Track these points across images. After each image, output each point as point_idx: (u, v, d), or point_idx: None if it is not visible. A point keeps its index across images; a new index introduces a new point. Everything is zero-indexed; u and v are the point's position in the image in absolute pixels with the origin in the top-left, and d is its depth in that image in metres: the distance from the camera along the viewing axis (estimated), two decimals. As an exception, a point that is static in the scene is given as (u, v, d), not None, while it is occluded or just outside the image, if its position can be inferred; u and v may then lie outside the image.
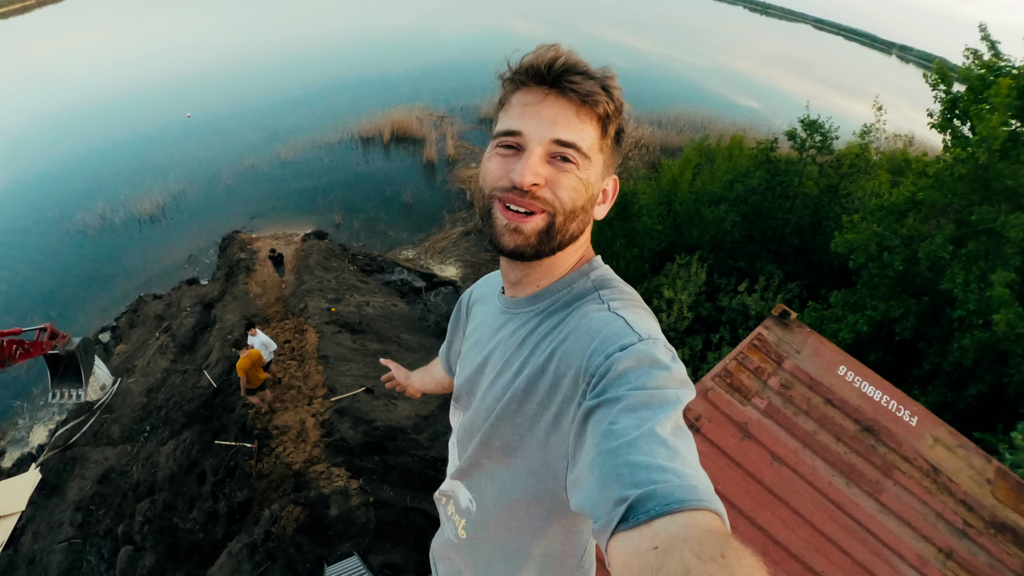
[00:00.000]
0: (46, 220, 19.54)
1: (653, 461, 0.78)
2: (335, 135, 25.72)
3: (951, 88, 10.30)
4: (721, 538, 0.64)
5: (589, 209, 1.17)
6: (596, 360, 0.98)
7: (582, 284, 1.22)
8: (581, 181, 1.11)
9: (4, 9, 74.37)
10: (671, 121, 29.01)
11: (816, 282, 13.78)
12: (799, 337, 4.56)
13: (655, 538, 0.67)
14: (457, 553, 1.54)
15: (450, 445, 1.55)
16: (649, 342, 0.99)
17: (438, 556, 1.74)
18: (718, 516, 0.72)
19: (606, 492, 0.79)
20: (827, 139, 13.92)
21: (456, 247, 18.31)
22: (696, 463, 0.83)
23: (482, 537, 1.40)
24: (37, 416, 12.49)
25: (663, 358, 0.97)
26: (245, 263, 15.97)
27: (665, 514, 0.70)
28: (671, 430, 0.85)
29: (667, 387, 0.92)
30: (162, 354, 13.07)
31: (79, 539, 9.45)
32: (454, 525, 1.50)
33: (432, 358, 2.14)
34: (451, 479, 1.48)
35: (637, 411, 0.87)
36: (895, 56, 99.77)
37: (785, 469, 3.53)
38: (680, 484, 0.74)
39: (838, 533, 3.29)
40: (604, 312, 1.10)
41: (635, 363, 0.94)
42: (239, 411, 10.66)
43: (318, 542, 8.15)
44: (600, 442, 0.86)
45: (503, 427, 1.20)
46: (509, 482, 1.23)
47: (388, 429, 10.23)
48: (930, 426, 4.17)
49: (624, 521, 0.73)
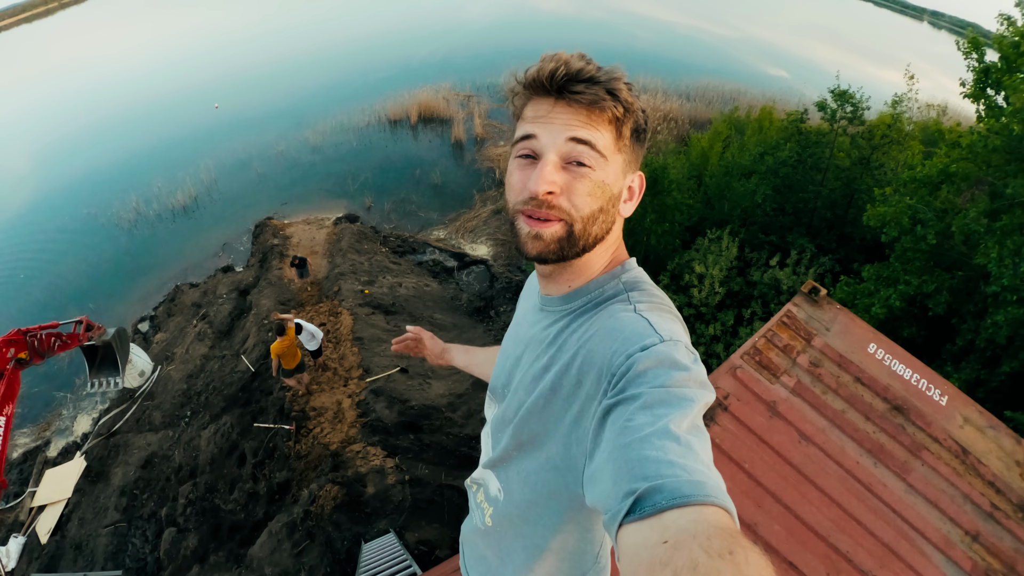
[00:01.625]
0: (82, 217, 20.04)
1: (664, 456, 0.79)
2: (362, 119, 25.75)
3: (983, 58, 10.05)
4: (730, 535, 0.64)
5: (610, 209, 1.18)
6: (618, 360, 0.99)
7: (613, 286, 1.22)
8: (596, 184, 1.13)
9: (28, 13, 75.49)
10: (699, 93, 28.55)
11: (848, 256, 13.60)
12: (829, 314, 4.53)
13: (664, 532, 0.68)
14: (484, 540, 1.57)
15: (483, 436, 1.59)
16: (671, 344, 0.99)
17: (466, 541, 1.78)
18: (727, 513, 0.72)
19: (617, 485, 0.81)
20: (858, 109, 13.67)
21: (487, 226, 18.29)
22: (709, 461, 0.83)
23: (506, 527, 1.42)
24: (80, 406, 12.80)
25: (683, 359, 0.97)
26: (278, 249, 16.18)
27: (673, 507, 0.71)
28: (687, 428, 0.85)
29: (685, 387, 0.92)
30: (200, 341, 13.33)
31: (124, 523, 9.73)
32: (482, 512, 1.53)
33: (466, 336, 2.14)
34: (483, 468, 1.51)
35: (654, 408, 0.87)
36: (927, 22, 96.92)
37: (813, 448, 3.54)
38: (688, 479, 0.75)
39: (865, 514, 3.29)
40: (630, 313, 1.11)
41: (655, 363, 0.95)
42: (277, 394, 10.87)
43: (356, 520, 8.33)
44: (616, 438, 0.87)
45: (532, 421, 1.22)
46: (533, 475, 1.25)
47: (423, 408, 10.36)
48: (960, 406, 4.13)
49: (631, 513, 0.74)
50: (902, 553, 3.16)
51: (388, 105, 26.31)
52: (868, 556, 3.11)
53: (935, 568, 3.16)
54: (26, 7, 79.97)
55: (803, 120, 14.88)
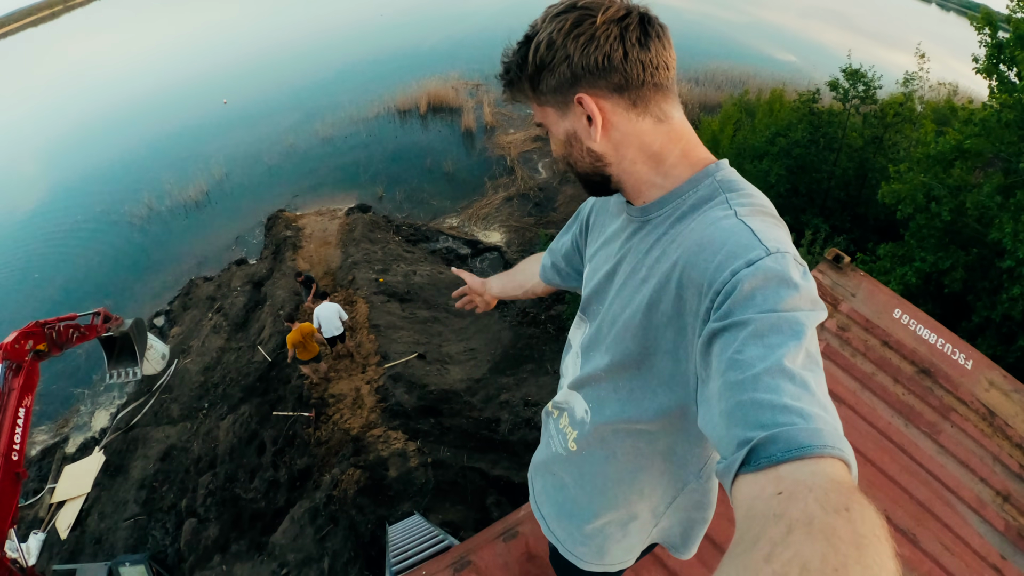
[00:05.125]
0: (95, 215, 20.22)
1: (779, 400, 0.75)
2: (372, 110, 25.72)
3: (996, 33, 10.01)
4: (847, 490, 0.63)
5: (583, 151, 1.19)
6: (722, 275, 0.92)
7: (708, 185, 1.15)
8: (554, 146, 1.26)
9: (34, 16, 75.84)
10: (708, 78, 28.37)
11: (863, 236, 13.55)
12: (853, 281, 4.52)
13: (780, 483, 0.66)
14: (563, 466, 1.54)
15: (564, 362, 1.56)
16: (778, 256, 0.92)
17: (538, 472, 1.74)
18: (845, 464, 0.70)
19: (730, 430, 0.78)
20: (870, 88, 13.61)
21: (499, 213, 18.27)
22: (825, 399, 0.79)
23: (595, 447, 1.39)
24: (98, 402, 12.86)
25: (793, 275, 0.90)
26: (291, 240, 16.24)
27: (789, 460, 0.69)
28: (801, 362, 0.81)
29: (798, 309, 0.86)
30: (216, 333, 13.41)
31: (144, 515, 9.79)
32: (564, 438, 1.50)
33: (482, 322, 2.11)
34: (568, 389, 1.46)
35: (765, 337, 0.82)
36: (935, 3, 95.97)
37: (845, 408, 3.54)
38: (805, 427, 0.72)
39: (900, 473, 3.28)
40: (731, 219, 1.02)
41: (763, 282, 0.88)
42: (295, 382, 10.94)
43: (379, 503, 8.38)
44: (726, 371, 0.83)
45: (629, 336, 1.18)
46: (638, 390, 1.21)
47: (441, 392, 10.42)
48: (985, 370, 4.13)
49: (746, 464, 0.72)
50: (937, 512, 3.15)
51: (397, 95, 26.27)
52: (905, 515, 3.10)
53: (970, 528, 3.15)
54: (32, 10, 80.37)
55: (815, 100, 14.81)
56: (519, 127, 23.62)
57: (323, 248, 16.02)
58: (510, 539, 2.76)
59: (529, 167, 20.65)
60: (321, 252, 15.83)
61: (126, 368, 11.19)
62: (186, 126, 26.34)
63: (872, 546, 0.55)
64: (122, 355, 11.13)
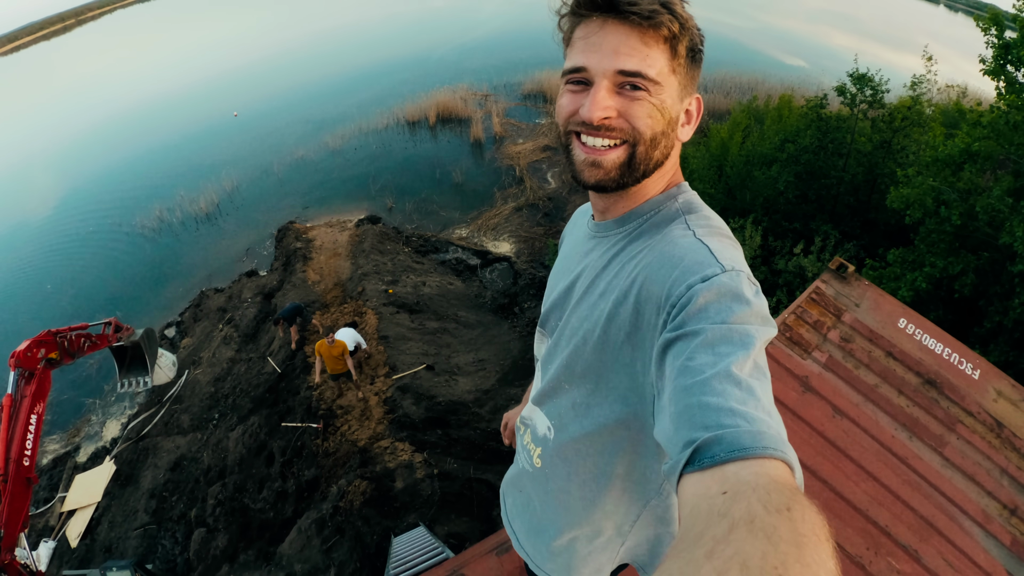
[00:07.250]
0: (107, 227, 20.37)
1: (725, 403, 0.77)
2: (381, 121, 25.82)
3: (1003, 34, 9.92)
4: (789, 491, 0.63)
5: (670, 133, 1.15)
6: (677, 289, 0.96)
7: (669, 206, 1.19)
8: (655, 107, 1.09)
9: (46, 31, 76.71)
10: (717, 85, 28.36)
11: (873, 241, 13.45)
12: (857, 290, 4.50)
13: (724, 483, 0.67)
14: (530, 482, 1.54)
15: (535, 374, 1.55)
16: (732, 274, 0.95)
17: (509, 488, 1.75)
18: (787, 466, 0.71)
19: (678, 432, 0.79)
20: (878, 93, 13.52)
21: (509, 223, 18.26)
22: (770, 406, 0.81)
23: (557, 465, 1.39)
24: (109, 412, 12.92)
25: (746, 292, 0.93)
26: (302, 252, 16.27)
27: (732, 460, 0.70)
28: (748, 370, 0.83)
29: (748, 323, 0.89)
30: (226, 344, 13.45)
31: (153, 524, 9.81)
32: (529, 454, 1.51)
33: (491, 333, 2.09)
34: (531, 404, 1.48)
35: (715, 347, 0.85)
36: (943, 5, 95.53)
37: (847, 422, 3.51)
38: (749, 430, 0.73)
39: (902, 487, 3.25)
40: (689, 239, 1.06)
41: (716, 296, 0.92)
42: (304, 394, 10.95)
43: (385, 514, 8.38)
44: (677, 377, 0.85)
45: (587, 351, 1.19)
46: (596, 407, 1.22)
47: (449, 404, 10.40)
48: (993, 379, 4.08)
49: (691, 463, 0.73)
50: (941, 527, 3.11)
51: (406, 107, 26.37)
52: (907, 530, 3.06)
53: (975, 543, 3.11)
54: (44, 24, 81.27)
55: (823, 106, 14.72)
56: (528, 137, 23.64)
57: (333, 259, 16.03)
58: (503, 553, 2.77)
59: (538, 177, 20.63)
60: (331, 264, 15.86)
61: (137, 377, 11.25)
62: (197, 138, 26.62)
63: (812, 545, 0.56)
64: (133, 365, 11.19)
